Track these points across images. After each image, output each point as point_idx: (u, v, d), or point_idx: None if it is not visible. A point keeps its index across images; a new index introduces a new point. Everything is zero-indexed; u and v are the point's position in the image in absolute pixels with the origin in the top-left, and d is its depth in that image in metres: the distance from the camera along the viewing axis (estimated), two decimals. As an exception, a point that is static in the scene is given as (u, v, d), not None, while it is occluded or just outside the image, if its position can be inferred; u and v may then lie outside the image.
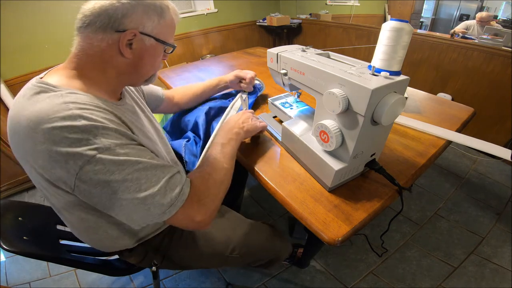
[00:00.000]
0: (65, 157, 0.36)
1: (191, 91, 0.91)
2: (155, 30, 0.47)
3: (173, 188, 0.43)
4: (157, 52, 0.50)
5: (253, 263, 0.81)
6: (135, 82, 0.55)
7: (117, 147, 0.39)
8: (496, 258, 1.15)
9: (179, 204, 0.43)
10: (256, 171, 0.64)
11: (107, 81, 0.48)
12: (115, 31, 0.43)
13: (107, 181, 0.38)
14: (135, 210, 0.41)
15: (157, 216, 0.42)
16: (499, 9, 2.19)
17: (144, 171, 0.41)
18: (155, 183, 0.41)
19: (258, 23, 2.93)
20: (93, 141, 0.37)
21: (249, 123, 0.67)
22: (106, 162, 0.38)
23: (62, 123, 0.36)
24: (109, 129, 0.40)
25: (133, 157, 0.40)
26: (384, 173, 0.54)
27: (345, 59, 0.56)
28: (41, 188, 0.47)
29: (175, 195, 0.43)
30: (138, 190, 0.40)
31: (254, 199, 1.56)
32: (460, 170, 1.67)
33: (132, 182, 0.39)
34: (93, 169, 0.37)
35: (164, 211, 0.42)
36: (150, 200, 0.41)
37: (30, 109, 0.38)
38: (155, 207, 0.41)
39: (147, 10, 0.45)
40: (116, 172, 0.38)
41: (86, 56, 0.45)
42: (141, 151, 0.43)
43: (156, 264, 0.68)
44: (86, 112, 0.38)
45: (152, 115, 0.69)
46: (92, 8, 0.43)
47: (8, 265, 1.28)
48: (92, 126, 0.38)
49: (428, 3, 2.89)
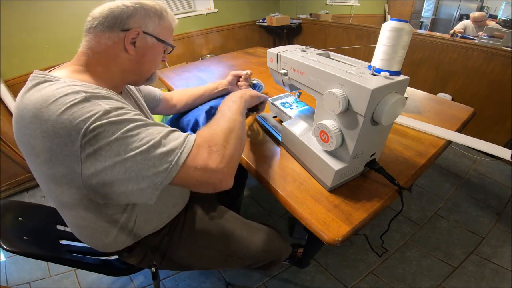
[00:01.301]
0: (68, 130, 0.37)
1: (189, 94, 0.92)
2: (156, 30, 0.53)
3: (176, 138, 0.42)
4: (157, 51, 0.55)
5: (253, 265, 0.81)
6: (137, 80, 0.58)
7: (117, 110, 0.41)
8: (496, 258, 1.15)
9: (186, 151, 0.40)
10: (256, 171, 0.64)
11: (111, 77, 0.52)
12: (121, 30, 0.49)
13: (108, 142, 0.38)
14: (141, 172, 0.39)
15: (165, 174, 0.39)
16: (499, 9, 2.19)
17: (144, 126, 0.41)
18: (157, 135, 0.40)
19: (258, 23, 2.93)
20: (93, 107, 0.39)
21: (251, 93, 0.67)
22: (105, 124, 0.38)
23: (65, 98, 0.38)
24: (110, 98, 0.42)
25: (133, 115, 0.42)
26: (384, 173, 0.54)
27: (345, 59, 0.56)
28: (43, 183, 0.47)
29: (179, 143, 0.41)
30: (140, 145, 0.39)
31: (254, 199, 1.56)
32: (460, 170, 1.67)
33: (132, 138, 0.39)
34: (93, 134, 0.38)
35: (171, 164, 0.39)
36: (153, 152, 0.39)
37: (36, 94, 0.40)
38: (160, 161, 0.39)
39: (148, 12, 0.51)
40: (116, 131, 0.38)
41: (93, 54, 0.50)
42: (140, 116, 0.44)
43: (155, 264, 0.68)
44: (88, 88, 0.41)
45: (150, 115, 0.70)
46: (101, 11, 0.49)
47: (8, 265, 1.29)
48: (92, 96, 0.40)
49: (428, 3, 2.89)
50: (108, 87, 0.50)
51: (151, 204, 0.42)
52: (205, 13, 2.55)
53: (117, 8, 0.48)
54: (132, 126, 0.40)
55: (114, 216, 0.54)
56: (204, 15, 2.56)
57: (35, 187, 1.77)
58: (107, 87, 0.50)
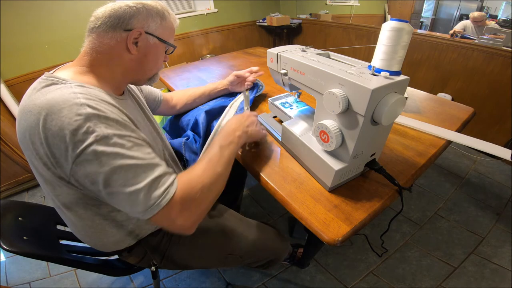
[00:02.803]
0: (66, 144, 0.38)
1: (189, 94, 0.92)
2: (157, 30, 0.53)
3: (158, 187, 0.43)
4: (159, 51, 0.56)
5: (253, 264, 0.81)
6: (139, 79, 0.58)
7: (115, 137, 0.41)
8: (496, 258, 1.15)
9: (162, 203, 0.42)
10: (256, 171, 0.64)
11: (113, 77, 0.52)
12: (123, 30, 0.49)
13: (97, 172, 0.40)
14: (120, 203, 0.42)
15: (139, 213, 0.42)
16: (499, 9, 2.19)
17: (134, 167, 0.41)
18: (142, 180, 0.41)
19: (258, 23, 2.93)
20: (93, 128, 0.39)
21: (254, 129, 0.64)
22: (99, 153, 0.39)
23: (69, 110, 0.39)
24: (111, 119, 0.42)
25: (128, 150, 0.41)
26: (384, 173, 0.54)
27: (345, 59, 0.56)
28: (44, 183, 0.47)
29: (159, 194, 0.42)
30: (124, 185, 0.40)
31: (254, 199, 1.56)
32: (460, 170, 1.67)
33: (120, 176, 0.40)
34: (87, 159, 0.39)
35: (146, 209, 0.42)
36: (134, 197, 0.41)
37: (41, 98, 0.40)
38: (138, 205, 0.41)
39: (150, 12, 0.51)
40: (106, 164, 0.39)
41: (96, 54, 0.50)
42: (137, 146, 0.44)
43: (155, 264, 0.68)
44: (92, 102, 0.41)
45: (152, 115, 0.70)
46: (104, 11, 0.49)
47: (8, 265, 1.29)
48: (94, 115, 0.40)
49: (428, 3, 2.89)
50: (110, 88, 0.52)
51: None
52: (205, 13, 2.55)
53: (120, 8, 0.49)
54: (123, 165, 0.40)
55: (113, 216, 0.54)
56: (204, 15, 2.56)
57: (35, 187, 1.77)
58: (110, 87, 0.51)
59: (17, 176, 1.66)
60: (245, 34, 2.95)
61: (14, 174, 1.64)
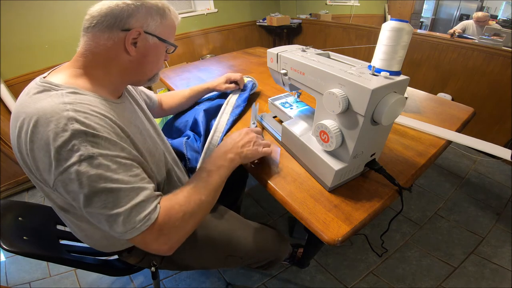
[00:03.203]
0: (50, 160, 0.37)
1: (177, 97, 0.92)
2: (157, 29, 0.50)
3: (140, 212, 0.41)
4: (159, 51, 0.53)
5: (253, 264, 0.81)
6: (139, 81, 0.56)
7: (100, 157, 0.39)
8: (496, 258, 1.15)
9: (142, 229, 0.41)
10: (256, 171, 0.64)
11: (110, 79, 0.50)
12: (121, 30, 0.46)
13: (78, 192, 0.39)
14: (100, 222, 0.41)
15: (118, 234, 0.41)
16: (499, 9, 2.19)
17: (116, 191, 0.40)
18: (123, 204, 0.40)
19: (258, 23, 2.93)
20: (78, 147, 0.37)
21: (250, 148, 0.59)
22: (81, 174, 0.37)
23: (56, 124, 0.37)
24: (99, 137, 0.39)
25: (112, 172, 0.40)
26: (384, 173, 0.54)
27: (345, 59, 0.56)
28: (39, 187, 0.48)
29: (139, 219, 0.41)
30: (104, 207, 0.39)
31: (254, 199, 1.56)
32: (460, 170, 1.67)
33: (100, 199, 0.39)
34: (69, 178, 0.38)
35: (125, 232, 0.41)
36: (114, 218, 0.40)
37: (32, 106, 0.39)
38: (118, 226, 0.40)
39: (150, 11, 0.48)
40: (86, 186, 0.38)
41: (92, 55, 0.47)
42: (123, 167, 0.42)
43: (155, 264, 0.68)
44: (81, 115, 0.39)
45: (151, 116, 0.69)
46: (100, 10, 0.45)
47: (8, 265, 1.28)
48: (81, 132, 0.38)
49: (428, 3, 2.89)
50: (107, 91, 0.49)
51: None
52: (205, 13, 2.55)
53: (117, 7, 0.45)
54: (104, 188, 0.39)
55: None
56: (204, 15, 2.56)
57: (35, 187, 1.76)
58: (106, 91, 0.49)
59: (17, 176, 1.66)
60: (245, 34, 2.95)
61: (14, 174, 1.64)
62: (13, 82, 1.64)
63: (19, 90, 0.45)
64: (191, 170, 0.75)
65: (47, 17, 1.67)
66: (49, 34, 1.71)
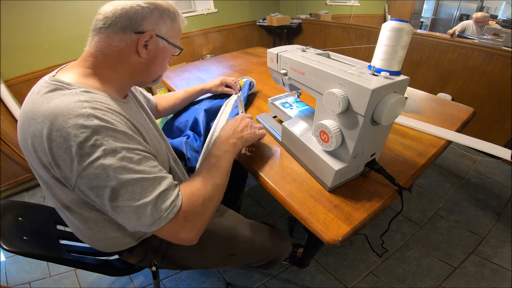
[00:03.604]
0: (71, 156, 0.37)
1: (171, 99, 0.93)
2: (167, 33, 0.51)
3: (165, 200, 0.43)
4: (167, 54, 0.54)
5: (253, 264, 0.81)
6: (144, 81, 0.57)
7: (124, 150, 0.40)
8: (496, 258, 1.15)
9: (169, 216, 0.43)
10: (256, 171, 0.64)
11: (118, 80, 0.51)
12: (134, 32, 0.47)
13: (104, 186, 0.39)
14: (126, 217, 0.41)
15: (146, 227, 0.42)
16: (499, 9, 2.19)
17: (141, 181, 0.41)
18: (149, 194, 0.41)
19: (258, 23, 2.93)
20: (101, 142, 0.38)
21: (248, 132, 0.63)
22: (106, 167, 0.38)
23: (75, 121, 0.37)
24: (119, 131, 0.41)
25: (135, 164, 0.41)
26: (384, 173, 0.54)
27: (345, 59, 0.56)
28: (46, 185, 0.47)
29: (166, 207, 0.42)
30: (132, 199, 0.40)
31: (254, 199, 1.56)
32: (460, 170, 1.67)
33: (127, 190, 0.40)
34: (94, 172, 0.38)
35: (153, 222, 0.42)
36: (142, 209, 0.41)
37: (46, 105, 0.39)
38: (146, 218, 0.41)
39: (162, 14, 0.49)
40: (113, 179, 0.39)
41: (103, 55, 0.48)
42: (144, 159, 0.43)
43: (156, 264, 0.68)
44: (98, 112, 0.40)
45: (153, 116, 0.70)
46: (114, 10, 0.46)
47: (8, 265, 1.28)
48: (102, 127, 0.39)
49: (428, 3, 2.89)
50: (115, 91, 0.50)
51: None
52: (205, 13, 2.55)
53: (132, 9, 0.46)
54: (130, 179, 0.40)
55: None
56: (204, 15, 2.56)
57: (35, 187, 1.77)
58: (114, 91, 0.50)
59: (17, 176, 1.66)
60: (245, 34, 2.95)
61: (14, 174, 1.64)
62: (13, 82, 1.63)
63: (19, 90, 0.44)
64: (191, 170, 0.75)
65: (47, 17, 1.67)
66: (49, 34, 1.71)
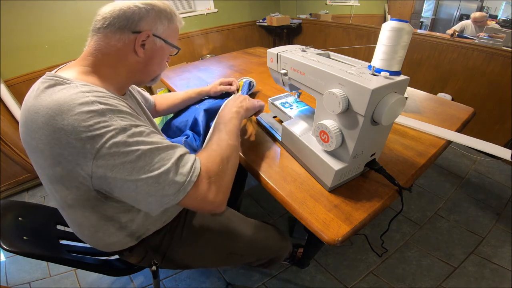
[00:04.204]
0: (83, 141, 0.38)
1: (170, 99, 0.93)
2: (165, 33, 0.53)
3: (184, 164, 0.44)
4: (164, 53, 0.56)
5: (253, 263, 0.81)
6: (142, 80, 0.58)
7: (133, 127, 0.41)
8: (496, 258, 1.15)
9: (193, 179, 0.44)
10: (256, 171, 0.64)
11: (117, 78, 0.52)
12: (131, 32, 0.48)
13: (123, 162, 0.39)
14: (150, 192, 0.41)
15: (172, 196, 0.43)
16: (499, 9, 2.19)
17: (157, 151, 0.42)
18: (168, 161, 0.42)
19: (258, 23, 2.93)
20: (110, 123, 0.39)
21: (247, 102, 0.68)
22: (121, 144, 0.39)
23: (80, 109, 0.38)
24: (124, 112, 0.42)
25: (146, 137, 0.42)
26: (384, 173, 0.54)
27: (345, 59, 0.56)
28: (48, 184, 0.47)
29: (187, 171, 0.43)
30: (152, 169, 0.41)
31: (254, 199, 1.56)
32: (460, 170, 1.67)
33: (146, 162, 0.41)
34: (109, 152, 0.38)
35: (178, 189, 0.42)
36: (164, 177, 0.41)
37: (48, 99, 0.39)
38: (169, 186, 0.42)
39: (159, 15, 0.51)
40: (130, 153, 0.39)
41: (102, 55, 0.49)
42: (153, 133, 0.44)
43: (156, 263, 0.68)
44: (101, 98, 0.41)
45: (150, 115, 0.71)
46: (112, 11, 0.47)
47: (8, 265, 1.28)
48: (108, 110, 0.40)
49: (428, 3, 2.89)
50: (114, 88, 0.51)
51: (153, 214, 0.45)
52: (205, 13, 2.55)
53: (129, 9, 0.47)
54: (146, 150, 0.41)
55: (118, 217, 0.54)
56: (204, 15, 2.56)
57: (35, 187, 1.77)
58: (113, 88, 0.51)
59: (17, 176, 1.66)
60: (245, 34, 2.95)
61: (14, 174, 1.64)
62: (13, 82, 1.63)
63: (19, 90, 0.44)
64: None
65: (47, 17, 1.67)
66: (49, 34, 1.71)
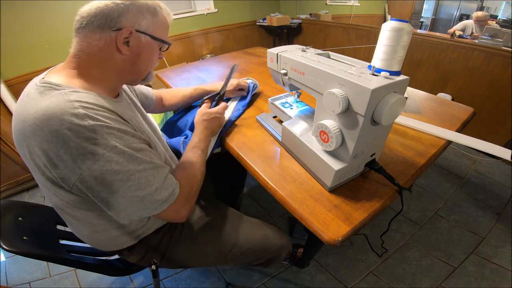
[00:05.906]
0: (72, 156, 0.38)
1: (179, 94, 0.93)
2: (150, 28, 0.50)
3: (167, 187, 0.48)
4: (153, 49, 0.53)
5: (253, 262, 0.81)
6: (134, 80, 0.56)
7: (122, 146, 0.42)
8: (496, 258, 1.15)
9: (170, 201, 0.48)
10: (255, 171, 0.64)
11: (107, 79, 0.50)
12: (112, 29, 0.46)
13: (111, 180, 0.40)
14: (131, 206, 0.45)
15: (150, 211, 0.47)
16: (499, 9, 2.19)
17: (144, 172, 0.44)
18: (154, 183, 0.45)
19: (258, 23, 2.93)
20: (100, 141, 0.39)
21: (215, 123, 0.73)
22: (113, 162, 0.40)
23: (70, 122, 0.38)
24: (113, 128, 0.42)
25: (135, 158, 0.43)
26: (384, 173, 0.54)
27: (345, 59, 0.56)
28: (43, 187, 0.47)
29: (168, 194, 0.48)
30: (138, 189, 0.43)
31: (254, 199, 1.56)
32: (460, 170, 1.66)
33: (134, 182, 0.42)
34: (100, 169, 0.39)
35: (157, 207, 0.47)
36: (148, 198, 0.45)
37: (36, 107, 0.39)
38: (150, 203, 0.46)
39: (140, 9, 0.48)
40: (119, 172, 0.41)
41: (86, 56, 0.47)
42: (142, 151, 0.45)
43: (155, 262, 0.68)
44: (91, 112, 0.40)
45: (147, 114, 0.70)
46: (89, 10, 0.46)
47: (8, 265, 1.28)
48: (98, 126, 0.40)
49: (428, 3, 2.89)
50: (105, 91, 0.50)
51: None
52: (205, 13, 2.55)
53: (106, 6, 0.45)
54: (133, 170, 0.43)
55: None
56: (204, 15, 2.56)
57: (35, 187, 1.77)
58: (104, 91, 0.49)
59: (17, 176, 1.66)
60: (245, 34, 2.95)
61: (14, 174, 1.64)
62: (13, 82, 1.63)
63: (19, 90, 0.45)
64: None
65: (47, 17, 1.67)
66: (49, 34, 1.71)
